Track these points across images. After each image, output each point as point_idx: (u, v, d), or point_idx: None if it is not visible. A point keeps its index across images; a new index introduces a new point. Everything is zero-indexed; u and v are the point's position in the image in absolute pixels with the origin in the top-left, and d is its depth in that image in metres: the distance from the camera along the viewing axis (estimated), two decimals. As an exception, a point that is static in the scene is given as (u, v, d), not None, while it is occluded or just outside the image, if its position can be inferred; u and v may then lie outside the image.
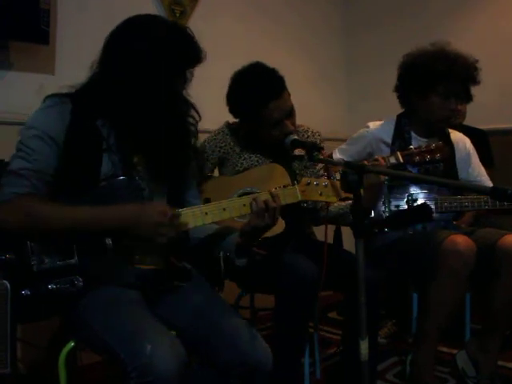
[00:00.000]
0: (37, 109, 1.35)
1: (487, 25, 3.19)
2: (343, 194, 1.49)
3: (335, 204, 1.84)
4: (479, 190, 1.25)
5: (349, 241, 2.32)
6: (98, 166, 1.33)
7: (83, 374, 1.87)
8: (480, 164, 2.28)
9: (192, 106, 1.47)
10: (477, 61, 2.07)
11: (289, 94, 1.85)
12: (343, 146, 2.30)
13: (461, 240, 1.87)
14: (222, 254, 1.48)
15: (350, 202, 1.74)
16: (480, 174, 2.26)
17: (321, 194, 1.50)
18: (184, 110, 1.46)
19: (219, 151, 1.98)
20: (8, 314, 1.22)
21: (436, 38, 2.12)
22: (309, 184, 1.49)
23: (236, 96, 1.86)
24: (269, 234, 1.68)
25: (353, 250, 1.68)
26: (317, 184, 1.50)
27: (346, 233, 2.13)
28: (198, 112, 1.48)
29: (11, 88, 2.15)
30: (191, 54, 1.37)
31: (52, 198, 1.32)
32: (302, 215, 2.04)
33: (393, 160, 1.79)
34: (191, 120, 1.49)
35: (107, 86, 1.34)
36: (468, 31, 3.22)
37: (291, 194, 1.48)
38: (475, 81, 2.08)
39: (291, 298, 1.69)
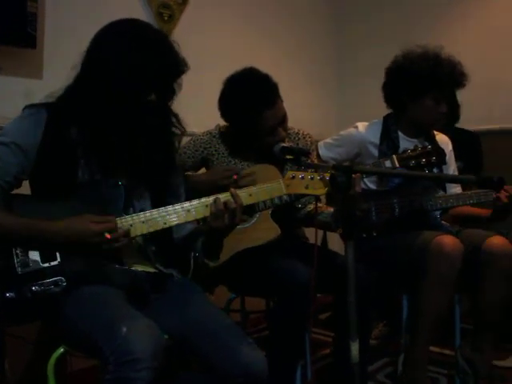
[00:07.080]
0: (15, 117, 1.39)
1: (479, 26, 3.19)
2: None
3: (325, 211, 1.84)
4: (466, 180, 1.28)
5: (338, 242, 2.33)
6: (74, 172, 1.35)
7: (73, 380, 1.85)
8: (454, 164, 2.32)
9: (176, 118, 1.47)
10: (462, 65, 2.09)
11: (282, 101, 1.84)
12: (329, 140, 2.30)
13: (448, 241, 1.88)
14: (192, 254, 1.49)
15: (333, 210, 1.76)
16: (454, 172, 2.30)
17: (307, 188, 1.48)
18: (165, 119, 1.44)
19: (202, 151, 1.97)
20: (-5, 323, 1.22)
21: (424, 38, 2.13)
22: (294, 178, 1.48)
23: (228, 103, 1.84)
24: (263, 240, 1.68)
25: (341, 252, 1.68)
26: (302, 177, 1.48)
27: (334, 235, 2.12)
28: (181, 124, 1.48)
29: (-2, 92, 2.13)
30: (172, 67, 1.36)
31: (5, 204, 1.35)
32: (294, 220, 2.05)
33: (388, 164, 1.76)
34: (175, 130, 1.48)
35: (85, 92, 1.35)
36: (458, 31, 3.24)
37: (276, 188, 1.47)
38: (463, 86, 2.13)
39: (289, 302, 1.68)
